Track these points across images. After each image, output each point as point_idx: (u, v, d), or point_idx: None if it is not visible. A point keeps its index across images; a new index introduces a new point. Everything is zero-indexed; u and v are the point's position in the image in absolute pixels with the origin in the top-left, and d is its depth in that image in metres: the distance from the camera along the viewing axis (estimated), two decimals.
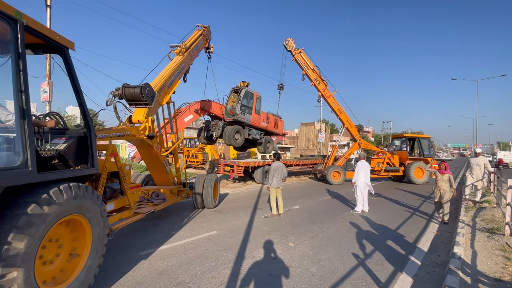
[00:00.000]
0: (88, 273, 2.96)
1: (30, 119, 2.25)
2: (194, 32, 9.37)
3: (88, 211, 2.93)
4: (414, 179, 13.95)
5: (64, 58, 2.89)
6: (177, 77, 7.51)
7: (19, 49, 2.21)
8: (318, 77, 13.49)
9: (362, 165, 7.64)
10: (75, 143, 3.02)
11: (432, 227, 6.14)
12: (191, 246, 4.65)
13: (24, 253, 2.14)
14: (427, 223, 6.48)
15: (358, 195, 7.53)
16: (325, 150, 32.50)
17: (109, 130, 5.21)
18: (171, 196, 6.72)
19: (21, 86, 2.20)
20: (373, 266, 3.97)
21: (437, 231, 5.83)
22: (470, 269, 3.68)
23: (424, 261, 4.19)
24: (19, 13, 2.26)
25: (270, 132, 14.57)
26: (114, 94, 5.73)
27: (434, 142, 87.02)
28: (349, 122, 14.69)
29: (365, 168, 7.63)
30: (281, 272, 3.73)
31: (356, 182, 7.58)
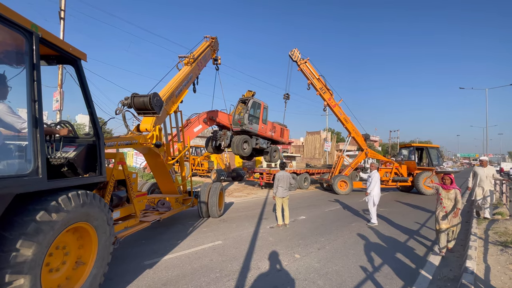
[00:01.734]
0: (94, 281, 2.95)
1: (42, 128, 2.30)
2: (202, 43, 9.57)
3: (95, 218, 2.95)
4: (423, 190, 13.66)
5: (76, 69, 2.97)
6: (184, 87, 7.64)
7: (34, 60, 2.28)
8: (324, 86, 13.53)
9: (378, 175, 7.35)
10: (84, 151, 3.07)
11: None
12: (196, 256, 4.61)
13: (31, 260, 2.15)
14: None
15: (371, 207, 7.22)
16: (331, 159, 32.22)
17: (118, 138, 5.28)
18: (176, 204, 6.72)
19: (35, 96, 2.26)
20: (382, 280, 3.86)
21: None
22: (483, 284, 3.54)
23: (436, 276, 4.05)
24: (35, 25, 2.35)
25: (276, 141, 14.59)
26: (123, 103, 5.84)
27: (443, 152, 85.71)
28: (355, 131, 14.60)
29: (378, 178, 7.39)
30: (287, 284, 3.65)
31: (370, 192, 7.23)
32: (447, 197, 4.96)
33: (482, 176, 7.53)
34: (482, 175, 7.54)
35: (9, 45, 2.36)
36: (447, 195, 4.97)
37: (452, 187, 4.94)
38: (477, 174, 7.65)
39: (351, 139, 15.27)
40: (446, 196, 4.97)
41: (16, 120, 2.37)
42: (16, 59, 2.45)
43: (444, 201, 4.98)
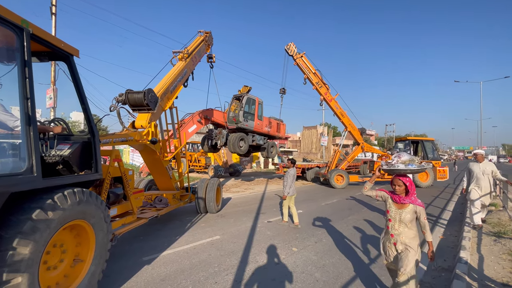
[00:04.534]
0: (92, 279, 2.96)
1: (36, 126, 2.28)
2: (196, 38, 9.47)
3: (92, 216, 2.95)
4: (419, 182, 13.83)
5: (69, 65, 2.93)
6: (179, 82, 7.57)
7: (25, 57, 2.25)
8: (320, 80, 13.52)
9: None
10: (79, 148, 3.05)
11: (437, 231, 6.07)
12: (194, 252, 4.64)
13: (28, 258, 2.15)
14: (432, 226, 6.40)
15: None
16: (328, 154, 32.38)
17: (113, 135, 5.25)
18: (174, 201, 6.72)
19: (27, 93, 2.23)
20: (378, 271, 3.93)
21: (443, 235, 5.76)
22: (477, 274, 3.62)
23: (430, 266, 4.12)
24: (26, 21, 2.30)
25: (273, 137, 14.60)
26: (118, 99, 5.78)
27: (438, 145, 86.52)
28: (351, 125, 14.66)
29: None
30: (284, 277, 3.70)
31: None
32: (398, 217, 2.67)
33: (478, 173, 5.98)
34: (478, 173, 5.98)
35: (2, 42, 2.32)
36: (399, 213, 2.67)
37: (408, 200, 2.66)
38: (472, 171, 6.12)
39: (347, 133, 15.34)
40: (397, 216, 2.68)
41: (8, 118, 2.34)
42: (6, 56, 2.40)
43: (392, 225, 2.70)
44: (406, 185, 2.66)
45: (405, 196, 2.69)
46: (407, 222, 2.64)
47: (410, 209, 2.65)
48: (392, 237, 2.74)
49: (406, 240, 2.65)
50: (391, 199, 2.78)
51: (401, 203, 2.70)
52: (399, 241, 2.68)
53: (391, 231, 2.74)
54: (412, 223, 2.67)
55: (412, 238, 2.66)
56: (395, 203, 2.74)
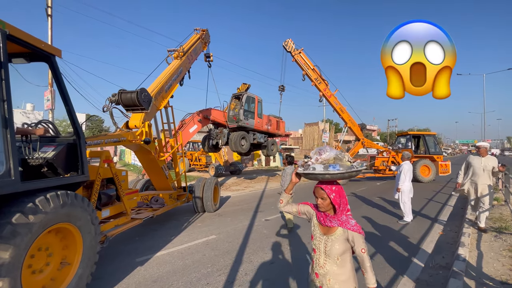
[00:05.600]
0: (80, 281, 2.93)
1: (13, 128, 2.23)
2: (192, 36, 9.39)
3: (78, 219, 2.90)
4: (420, 177, 13.67)
5: (51, 66, 2.88)
6: (174, 81, 7.51)
7: (1, 58, 2.19)
8: (319, 76, 13.38)
9: (410, 167, 6.43)
10: (64, 150, 3.00)
11: (437, 227, 5.97)
12: (189, 252, 4.60)
13: (9, 263, 2.11)
14: (432, 223, 6.30)
15: (405, 202, 6.30)
16: None
17: (105, 136, 5.21)
18: (170, 200, 6.69)
19: (3, 95, 2.18)
20: (374, 269, 3.83)
21: (443, 231, 5.66)
22: (475, 271, 3.53)
23: (428, 264, 4.04)
24: (2, 22, 2.25)
25: (273, 134, 14.52)
26: (111, 100, 5.73)
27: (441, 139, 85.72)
28: (351, 121, 14.51)
29: (409, 170, 6.42)
30: (279, 277, 3.64)
31: (402, 187, 6.29)
32: (323, 247, 1.73)
33: (478, 168, 5.34)
34: (477, 168, 5.35)
35: None
36: (324, 241, 1.73)
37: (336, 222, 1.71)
38: (471, 165, 5.50)
39: (348, 129, 15.20)
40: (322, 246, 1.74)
41: None
42: None
43: (317, 258, 1.76)
44: (330, 198, 1.69)
45: (332, 215, 1.72)
46: (335, 255, 1.66)
47: (339, 236, 1.66)
48: (317, 278, 1.72)
49: (335, 285, 1.65)
50: (316, 217, 1.82)
51: (326, 225, 1.72)
52: (325, 286, 1.67)
53: (316, 269, 1.74)
54: (344, 258, 1.67)
55: (343, 282, 1.65)
56: (320, 224, 1.77)
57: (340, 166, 1.72)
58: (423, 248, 4.70)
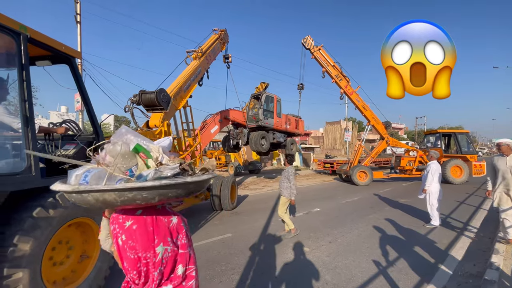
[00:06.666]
0: (98, 274, 3.04)
1: (34, 127, 2.36)
2: (211, 36, 9.50)
3: (96, 214, 3.02)
4: (451, 179, 12.80)
5: (71, 67, 3.01)
6: (193, 81, 7.64)
7: (23, 61, 2.32)
8: (340, 73, 12.98)
9: (437, 167, 5.98)
10: (84, 148, 3.13)
11: (469, 232, 5.52)
12: (204, 249, 4.63)
13: (29, 254, 2.23)
14: (463, 227, 5.84)
15: (433, 204, 5.89)
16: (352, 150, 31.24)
17: None
18: (189, 198, 6.81)
19: (25, 96, 2.31)
20: (396, 276, 3.63)
21: (475, 236, 5.23)
22: (510, 281, 3.20)
23: (457, 271, 3.74)
24: (24, 26, 2.38)
25: (292, 133, 14.36)
26: (132, 100, 5.95)
27: (476, 138, 79.69)
28: (375, 119, 13.93)
29: (437, 170, 5.96)
30: (292, 279, 3.55)
31: (429, 188, 5.90)
32: None
33: (505, 171, 4.49)
34: (504, 170, 4.51)
35: (0, 47, 2.42)
36: None
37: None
38: (497, 169, 4.65)
39: (371, 127, 14.62)
40: None
41: (12, 121, 2.44)
42: (9, 61, 2.50)
43: None
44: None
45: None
46: None
47: None
48: None
49: None
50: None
51: None
52: None
53: None
54: None
55: None
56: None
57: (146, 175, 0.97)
58: (452, 255, 4.37)
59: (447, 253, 4.45)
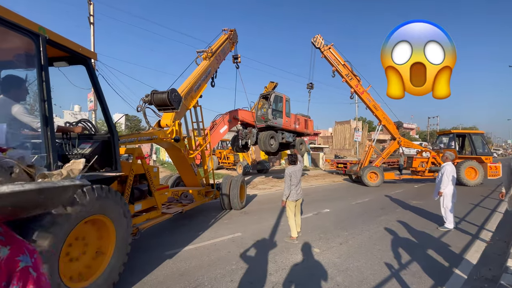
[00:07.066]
0: (113, 270, 3.11)
1: (53, 126, 2.42)
2: (221, 36, 9.53)
3: (111, 211, 3.08)
4: (465, 180, 12.47)
5: (87, 68, 3.08)
6: (203, 81, 7.69)
7: (42, 61, 2.39)
8: (350, 72, 12.82)
9: (452, 169, 5.86)
10: (99, 147, 3.21)
11: (484, 235, 5.37)
12: (215, 248, 4.67)
13: (47, 250, 2.29)
14: (478, 231, 5.69)
15: (447, 207, 5.78)
16: (362, 150, 30.84)
17: (139, 134, 5.49)
18: (199, 197, 6.87)
19: (44, 96, 2.37)
20: (409, 279, 3.57)
21: (491, 239, 5.08)
22: None
23: (472, 276, 3.64)
24: (42, 28, 2.45)
25: (301, 133, 14.29)
26: (144, 100, 6.03)
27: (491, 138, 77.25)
28: (386, 119, 13.70)
29: (452, 172, 5.87)
30: (303, 279, 3.54)
31: (444, 190, 5.82)
32: None
33: None
34: None
35: (20, 48, 2.50)
36: None
37: None
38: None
39: (382, 127, 14.39)
40: None
41: (31, 120, 2.52)
42: (28, 62, 2.58)
43: None
44: None
45: None
46: None
47: None
48: None
49: None
50: None
51: None
52: None
53: None
54: None
55: None
56: None
57: None
58: (466, 258, 4.26)
59: (461, 256, 4.35)
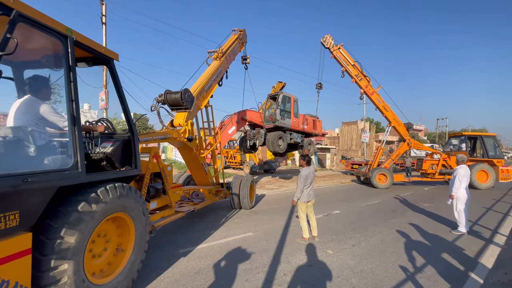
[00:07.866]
0: (132, 267, 3.17)
1: (80, 126, 2.48)
2: (231, 36, 9.58)
3: (131, 209, 3.14)
4: (477, 184, 12.27)
5: (110, 69, 3.14)
6: (214, 81, 7.74)
7: (70, 62, 2.45)
8: (360, 73, 12.73)
9: (466, 171, 5.71)
10: (120, 146, 3.26)
11: (498, 239, 5.29)
12: (228, 247, 4.71)
13: (74, 247, 2.36)
14: (492, 235, 5.61)
15: (461, 211, 5.66)
16: (370, 151, 30.58)
17: (153, 133, 5.57)
18: (209, 196, 6.93)
19: (72, 96, 2.43)
20: (425, 282, 3.55)
21: (505, 244, 5.01)
22: None
23: (488, 280, 3.60)
24: (70, 30, 2.51)
25: (309, 134, 14.23)
26: (158, 100, 6.11)
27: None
28: (396, 120, 13.56)
29: (468, 175, 5.75)
30: (318, 280, 3.54)
31: (456, 193, 5.70)
32: None
33: None
34: None
35: (48, 49, 2.56)
36: None
37: None
38: None
39: (391, 129, 14.25)
40: None
41: (58, 119, 2.59)
42: (55, 62, 2.65)
43: None
44: None
45: None
46: None
47: None
48: None
49: None
50: None
51: None
52: None
53: None
54: None
55: None
56: None
57: None
58: (481, 263, 4.21)
59: (476, 260, 4.29)
